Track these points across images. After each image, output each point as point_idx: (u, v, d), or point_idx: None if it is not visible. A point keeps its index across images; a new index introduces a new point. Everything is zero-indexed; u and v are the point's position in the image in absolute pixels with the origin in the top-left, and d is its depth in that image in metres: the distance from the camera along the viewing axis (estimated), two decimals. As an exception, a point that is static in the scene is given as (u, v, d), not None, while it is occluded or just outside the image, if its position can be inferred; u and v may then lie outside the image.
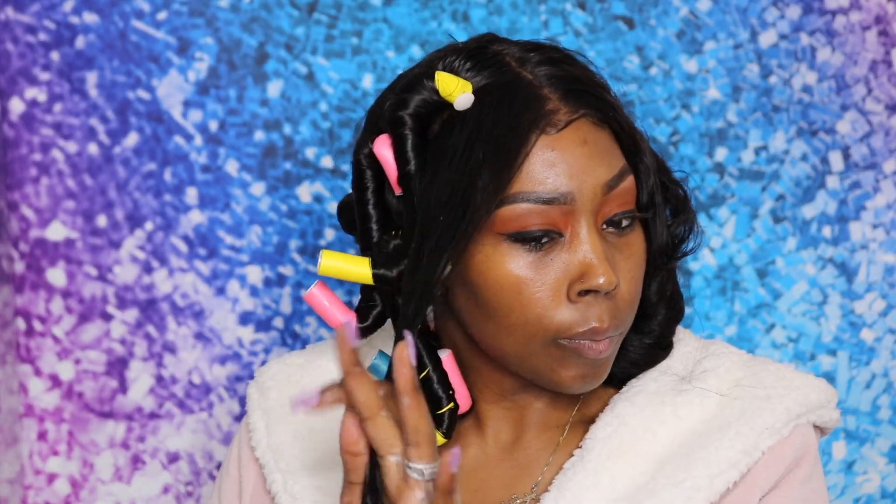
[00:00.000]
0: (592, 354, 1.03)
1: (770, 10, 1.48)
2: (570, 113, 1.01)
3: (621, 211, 1.02)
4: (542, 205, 1.00)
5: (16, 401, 1.45)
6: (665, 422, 1.06)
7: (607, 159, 1.02)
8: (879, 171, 1.49)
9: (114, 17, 1.45)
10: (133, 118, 1.46)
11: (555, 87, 1.02)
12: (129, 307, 1.46)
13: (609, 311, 1.02)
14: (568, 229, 1.01)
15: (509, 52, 1.04)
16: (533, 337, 1.02)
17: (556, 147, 1.00)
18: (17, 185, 1.45)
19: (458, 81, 1.01)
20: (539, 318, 1.01)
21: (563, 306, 1.01)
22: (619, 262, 1.02)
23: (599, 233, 1.02)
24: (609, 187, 1.01)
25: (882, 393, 1.50)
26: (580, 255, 1.00)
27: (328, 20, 1.47)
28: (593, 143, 1.01)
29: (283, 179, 1.47)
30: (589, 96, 1.02)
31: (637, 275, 1.04)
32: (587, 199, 1.00)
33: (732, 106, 1.48)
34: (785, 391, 1.07)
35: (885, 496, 1.50)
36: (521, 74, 1.02)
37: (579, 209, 1.00)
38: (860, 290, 1.49)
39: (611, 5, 1.48)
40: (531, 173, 1.00)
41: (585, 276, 1.00)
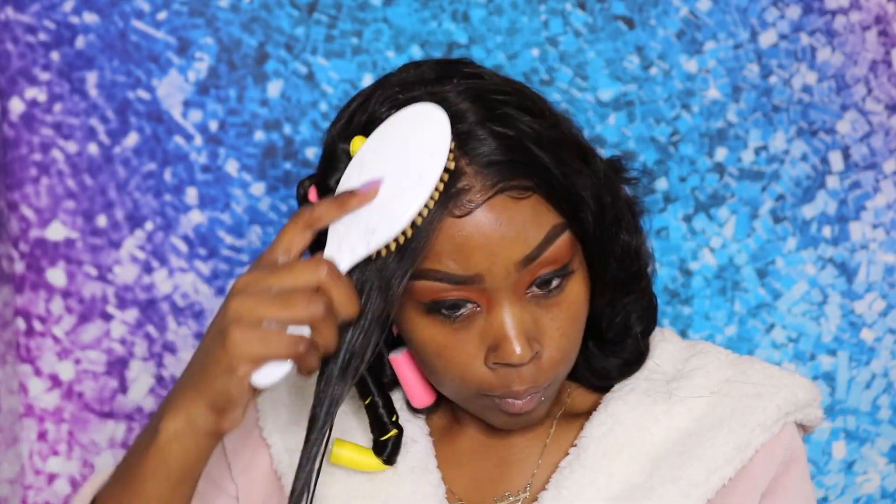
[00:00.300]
0: (515, 410, 1.03)
1: (770, 10, 1.48)
2: (484, 192, 0.97)
3: (547, 271, 1.00)
4: (450, 283, 0.98)
5: (16, 401, 1.45)
6: (658, 420, 1.07)
7: (524, 234, 0.98)
8: (879, 171, 1.49)
9: (114, 17, 1.45)
10: (133, 118, 1.46)
11: (475, 157, 0.97)
12: (129, 307, 1.46)
13: (530, 374, 1.01)
14: (484, 301, 0.99)
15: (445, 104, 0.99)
16: (460, 390, 1.03)
17: (464, 230, 0.97)
18: (17, 185, 1.45)
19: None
20: (461, 378, 1.02)
21: (482, 370, 1.01)
22: (545, 325, 1.01)
23: (519, 302, 1.00)
24: (526, 262, 0.98)
25: (882, 393, 1.50)
26: (495, 328, 0.99)
27: (328, 20, 1.47)
28: (507, 222, 0.97)
29: (283, 179, 1.47)
30: (515, 165, 0.98)
31: (569, 329, 1.02)
32: (499, 277, 0.98)
33: (732, 106, 1.48)
34: (774, 389, 1.08)
35: (885, 496, 1.50)
36: None
37: (492, 286, 0.98)
38: (860, 290, 1.49)
39: (611, 5, 1.48)
40: (439, 254, 0.97)
41: (499, 351, 0.99)
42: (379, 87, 1.05)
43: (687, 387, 1.09)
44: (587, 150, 1.05)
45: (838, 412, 1.49)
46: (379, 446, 1.08)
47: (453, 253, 0.97)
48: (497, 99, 1.00)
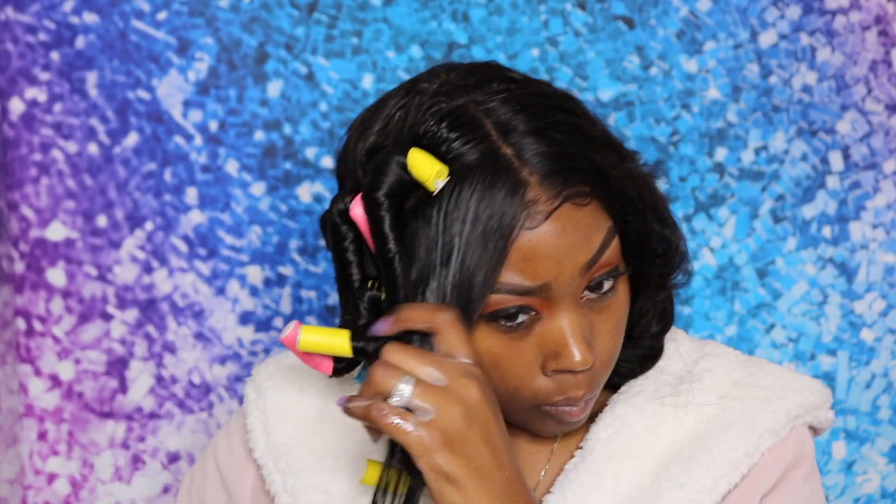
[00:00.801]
0: (570, 418, 1.03)
1: (770, 10, 1.48)
2: (551, 201, 0.97)
3: (602, 273, 1.00)
4: (517, 295, 0.98)
5: (16, 401, 1.45)
6: (666, 423, 1.07)
7: (587, 240, 0.98)
8: (879, 171, 1.49)
9: (114, 17, 1.45)
10: (133, 118, 1.46)
11: (536, 166, 0.97)
12: (129, 307, 1.46)
13: (586, 381, 1.01)
14: (545, 309, 0.99)
15: (493, 116, 0.99)
16: (513, 401, 1.02)
17: (533, 240, 0.97)
18: (17, 185, 1.45)
19: (432, 166, 0.97)
20: (516, 390, 1.01)
21: (539, 379, 1.01)
22: (598, 327, 1.01)
23: (577, 308, 1.00)
24: (588, 267, 0.99)
25: (882, 393, 1.50)
26: (556, 334, 0.99)
27: (328, 20, 1.47)
28: (572, 229, 0.98)
29: (283, 179, 1.47)
30: (573, 172, 0.98)
31: (617, 332, 1.03)
32: (564, 284, 0.98)
33: (732, 106, 1.48)
34: (783, 392, 1.08)
35: (885, 496, 1.50)
36: (502, 151, 0.98)
37: (557, 294, 0.99)
38: (860, 290, 1.49)
39: (611, 5, 1.48)
40: (508, 266, 0.97)
41: (560, 358, 0.99)
42: (411, 93, 1.03)
43: (695, 389, 1.08)
44: (623, 148, 1.05)
45: (838, 412, 1.49)
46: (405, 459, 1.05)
47: (521, 264, 0.97)
48: (543, 104, 1.00)
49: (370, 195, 1.00)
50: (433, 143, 0.99)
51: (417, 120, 1.00)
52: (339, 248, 1.04)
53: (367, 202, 1.00)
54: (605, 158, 1.00)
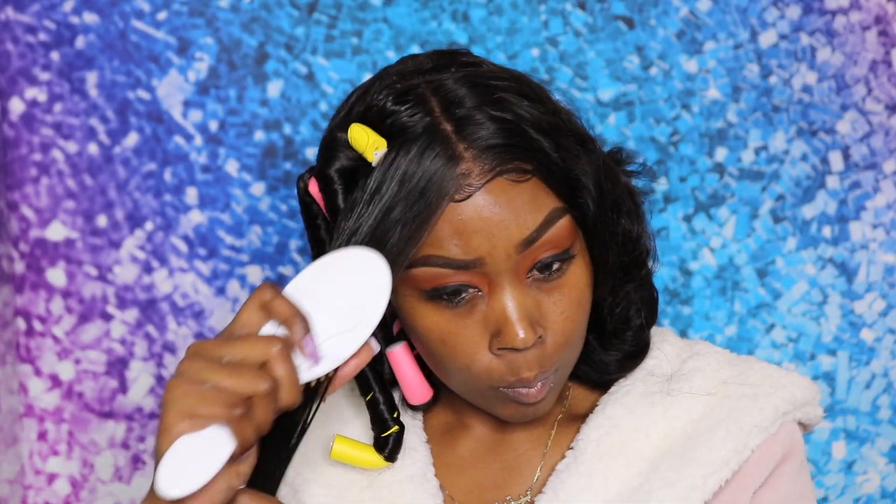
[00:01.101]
0: (528, 399, 1.03)
1: (770, 10, 1.48)
2: (483, 175, 0.98)
3: (549, 255, 1.00)
4: (450, 269, 0.98)
5: (16, 401, 1.45)
6: (656, 422, 1.07)
7: (523, 217, 0.98)
8: (879, 171, 1.49)
9: (114, 17, 1.45)
10: (133, 118, 1.46)
11: (473, 142, 0.98)
12: (129, 307, 1.46)
13: (536, 359, 1.01)
14: (485, 286, 1.00)
15: (440, 93, 1.00)
16: (468, 382, 1.03)
17: (464, 213, 0.97)
18: (17, 185, 1.45)
19: (368, 138, 1.00)
20: (468, 367, 1.01)
21: (488, 357, 1.01)
22: (548, 308, 1.01)
23: (521, 286, 1.00)
24: (525, 244, 0.99)
25: (882, 393, 1.50)
26: (497, 312, 1.00)
27: (328, 20, 1.47)
28: (506, 204, 0.98)
29: (283, 179, 1.47)
30: (511, 149, 0.98)
31: (572, 313, 1.02)
32: (500, 260, 0.98)
33: (732, 106, 1.48)
34: (771, 389, 1.08)
35: (885, 496, 1.50)
36: (441, 125, 0.99)
37: (493, 270, 0.99)
38: (860, 290, 1.49)
39: (611, 5, 1.48)
40: (440, 239, 0.98)
41: (502, 335, 1.00)
42: (378, 78, 1.05)
43: (684, 389, 1.08)
44: (586, 138, 1.05)
45: (838, 412, 1.49)
46: (380, 443, 1.08)
47: (454, 237, 0.98)
48: (495, 84, 1.01)
49: (320, 172, 1.04)
50: (379, 118, 1.01)
51: (371, 101, 1.03)
52: (307, 223, 1.08)
53: (319, 179, 1.04)
54: (552, 141, 1.00)
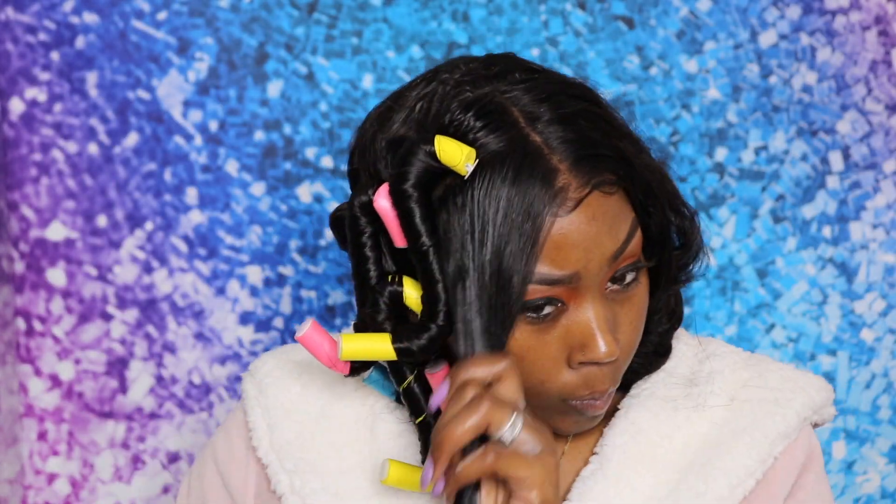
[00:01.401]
0: (594, 412, 1.03)
1: (770, 10, 1.48)
2: (581, 188, 0.96)
3: (626, 265, 0.99)
4: (550, 286, 0.97)
5: (16, 401, 1.45)
6: (680, 428, 1.06)
7: (615, 229, 0.98)
8: (879, 171, 1.49)
9: (114, 17, 1.45)
10: (133, 118, 1.46)
11: (565, 153, 0.97)
12: (129, 307, 1.46)
13: (609, 374, 1.01)
14: (570, 300, 0.99)
15: (519, 104, 0.98)
16: (538, 396, 1.01)
17: (564, 228, 0.96)
18: (17, 185, 1.45)
19: (460, 151, 0.96)
20: (542, 384, 1.00)
21: (564, 372, 1.00)
22: (621, 319, 1.00)
23: (602, 299, 0.99)
24: (615, 257, 0.98)
25: (882, 393, 1.50)
26: (582, 325, 0.98)
27: (328, 20, 1.47)
28: (601, 218, 0.97)
29: (283, 179, 1.47)
30: (601, 159, 0.98)
31: (638, 324, 1.02)
32: (593, 274, 0.98)
33: (732, 106, 1.48)
34: (792, 393, 1.07)
35: (885, 496, 1.50)
36: (530, 138, 0.97)
37: (585, 285, 0.98)
38: (860, 290, 1.49)
39: (611, 5, 1.48)
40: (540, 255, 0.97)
41: (586, 349, 0.99)
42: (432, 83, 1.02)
43: (706, 393, 1.08)
44: (639, 139, 1.05)
45: (838, 412, 1.49)
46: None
47: (552, 253, 0.96)
48: (566, 93, 1.00)
49: (398, 187, 0.98)
50: (460, 131, 0.98)
51: (442, 109, 0.99)
52: (358, 243, 1.02)
53: (396, 194, 0.98)
54: (627, 147, 1.00)
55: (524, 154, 0.96)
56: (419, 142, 0.97)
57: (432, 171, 0.97)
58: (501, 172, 0.96)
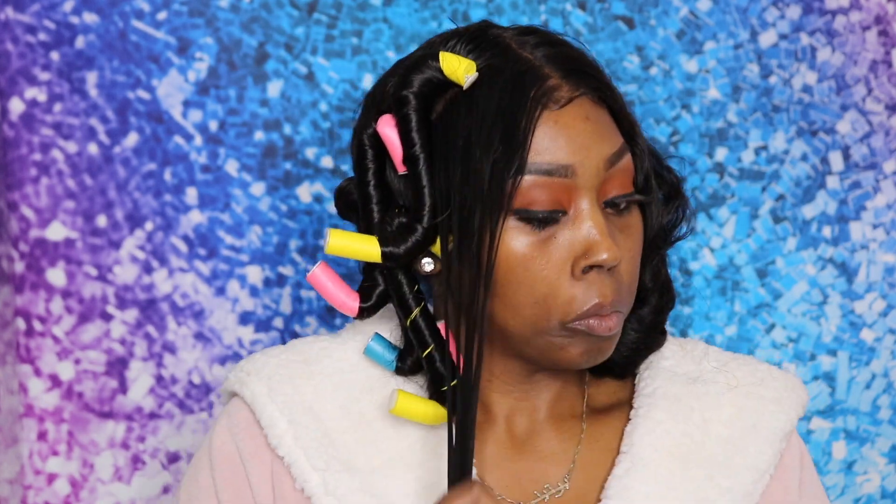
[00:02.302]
0: (602, 331, 1.04)
1: (770, 10, 1.48)
2: (572, 90, 1.03)
3: (622, 194, 1.04)
4: (545, 176, 1.01)
5: (16, 401, 1.45)
6: (698, 426, 1.09)
7: (608, 135, 1.04)
8: (879, 171, 1.49)
9: (114, 17, 1.45)
10: (133, 118, 1.46)
11: (555, 66, 1.04)
12: (129, 307, 1.46)
13: (612, 286, 1.03)
14: (571, 207, 1.02)
15: (507, 35, 1.07)
16: (540, 319, 1.03)
17: (559, 121, 1.02)
18: (17, 185, 1.45)
19: (462, 61, 1.03)
20: (546, 297, 1.02)
21: (569, 283, 1.02)
22: (620, 241, 1.04)
23: (603, 211, 1.03)
24: (611, 162, 1.03)
25: (882, 393, 1.50)
26: (584, 231, 1.02)
27: (328, 20, 1.47)
28: (595, 120, 1.03)
29: (283, 179, 1.47)
30: (587, 76, 1.05)
31: (636, 255, 1.05)
32: (590, 173, 1.02)
33: (732, 106, 1.48)
34: (786, 392, 1.11)
35: (885, 496, 1.50)
36: (522, 55, 1.04)
37: (581, 184, 1.02)
38: (860, 290, 1.49)
39: (611, 5, 1.48)
40: (535, 146, 1.01)
41: (589, 252, 1.02)
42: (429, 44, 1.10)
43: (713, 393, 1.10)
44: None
45: (838, 412, 1.49)
46: (440, 397, 1.06)
47: (550, 143, 1.01)
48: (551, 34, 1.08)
49: (400, 93, 1.04)
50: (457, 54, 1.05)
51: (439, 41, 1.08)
52: (364, 179, 1.07)
53: (397, 102, 1.04)
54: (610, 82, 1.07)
55: (516, 67, 1.03)
56: (424, 56, 1.04)
57: (435, 82, 1.03)
58: (498, 80, 1.02)
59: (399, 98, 1.04)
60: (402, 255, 1.04)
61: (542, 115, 1.02)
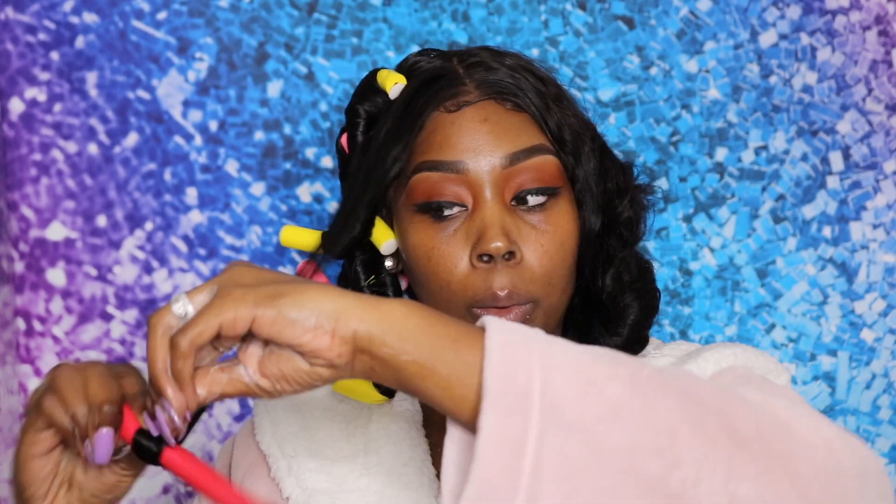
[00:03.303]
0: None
1: (770, 10, 1.48)
2: (478, 95, 1.09)
3: (530, 187, 1.08)
4: (441, 172, 1.07)
5: (16, 401, 1.45)
6: None
7: (512, 136, 1.08)
8: (879, 171, 1.49)
9: (114, 17, 1.45)
10: (133, 118, 1.46)
11: (472, 74, 1.11)
12: (129, 307, 1.46)
13: (510, 277, 1.06)
14: (470, 200, 1.07)
15: (468, 53, 1.13)
16: (448, 303, 1.08)
17: (454, 122, 1.08)
18: (17, 185, 1.45)
19: (392, 77, 1.12)
20: (448, 284, 1.07)
21: (467, 272, 1.07)
22: (529, 237, 1.07)
23: (503, 205, 1.07)
24: (509, 161, 1.07)
25: (882, 393, 1.50)
26: (477, 222, 1.07)
27: (328, 20, 1.47)
28: (495, 122, 1.08)
29: (283, 179, 1.47)
30: (509, 87, 1.10)
31: (550, 249, 1.08)
32: (483, 170, 1.07)
33: (732, 106, 1.48)
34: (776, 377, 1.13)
35: (886, 496, 1.50)
36: (453, 68, 1.12)
37: (476, 180, 1.07)
38: (860, 290, 1.49)
39: (611, 5, 1.48)
40: (432, 145, 1.08)
41: (481, 241, 1.06)
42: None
43: None
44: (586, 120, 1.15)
45: (838, 412, 1.49)
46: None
47: (443, 142, 1.08)
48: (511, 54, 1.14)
49: (349, 108, 1.14)
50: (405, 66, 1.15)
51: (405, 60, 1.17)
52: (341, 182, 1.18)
53: (347, 113, 1.14)
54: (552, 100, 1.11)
55: (439, 76, 1.10)
56: (370, 78, 1.14)
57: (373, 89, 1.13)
58: (414, 88, 1.10)
59: (348, 110, 1.15)
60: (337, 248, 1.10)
61: (439, 115, 1.09)
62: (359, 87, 1.16)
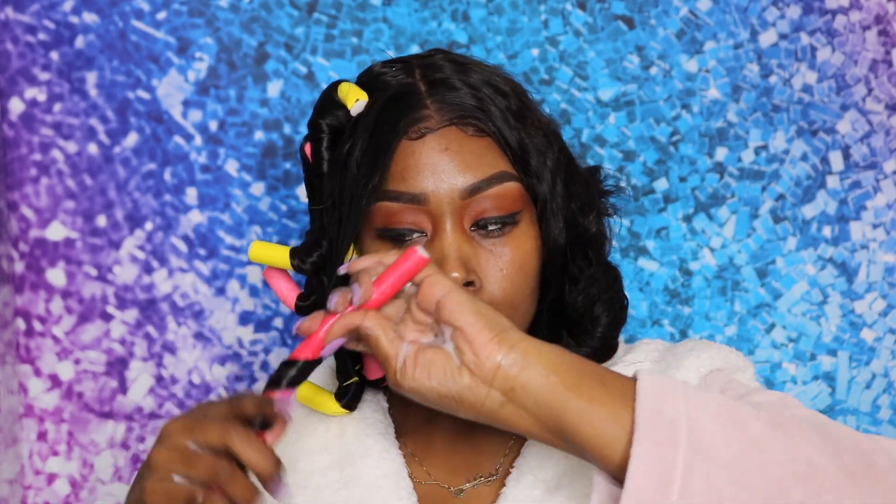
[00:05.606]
0: None
1: (770, 9, 1.48)
2: (438, 121, 1.08)
3: (489, 216, 1.07)
4: (401, 203, 1.07)
5: (16, 401, 1.45)
6: None
7: (473, 166, 1.07)
8: (879, 171, 1.49)
9: (114, 17, 1.45)
10: (133, 118, 1.46)
11: (438, 98, 1.09)
12: (129, 307, 1.46)
13: None
14: (430, 228, 1.07)
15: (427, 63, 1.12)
16: None
17: (416, 152, 1.07)
18: (17, 185, 1.45)
19: (353, 92, 1.11)
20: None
21: None
22: (486, 261, 1.07)
23: (462, 233, 1.07)
24: (469, 192, 1.07)
25: (882, 393, 1.50)
26: (436, 252, 1.07)
27: (328, 20, 1.47)
28: (456, 151, 1.08)
29: (283, 179, 1.47)
30: (471, 109, 1.09)
31: (511, 272, 1.08)
32: (443, 201, 1.07)
33: (732, 106, 1.48)
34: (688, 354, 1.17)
35: (886, 496, 1.50)
36: (415, 85, 1.10)
37: (436, 210, 1.07)
38: (860, 290, 1.49)
39: (611, 5, 1.48)
40: (393, 174, 1.07)
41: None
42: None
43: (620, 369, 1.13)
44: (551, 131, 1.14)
45: (838, 412, 1.49)
46: (340, 392, 1.14)
47: (404, 172, 1.07)
48: (475, 66, 1.12)
49: (311, 121, 1.13)
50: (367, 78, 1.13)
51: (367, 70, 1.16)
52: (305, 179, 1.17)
53: (309, 126, 1.13)
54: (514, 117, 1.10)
55: (401, 95, 1.09)
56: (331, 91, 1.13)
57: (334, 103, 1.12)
58: (377, 109, 1.09)
59: (313, 125, 1.13)
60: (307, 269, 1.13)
61: (401, 145, 1.07)
62: (320, 99, 1.15)
